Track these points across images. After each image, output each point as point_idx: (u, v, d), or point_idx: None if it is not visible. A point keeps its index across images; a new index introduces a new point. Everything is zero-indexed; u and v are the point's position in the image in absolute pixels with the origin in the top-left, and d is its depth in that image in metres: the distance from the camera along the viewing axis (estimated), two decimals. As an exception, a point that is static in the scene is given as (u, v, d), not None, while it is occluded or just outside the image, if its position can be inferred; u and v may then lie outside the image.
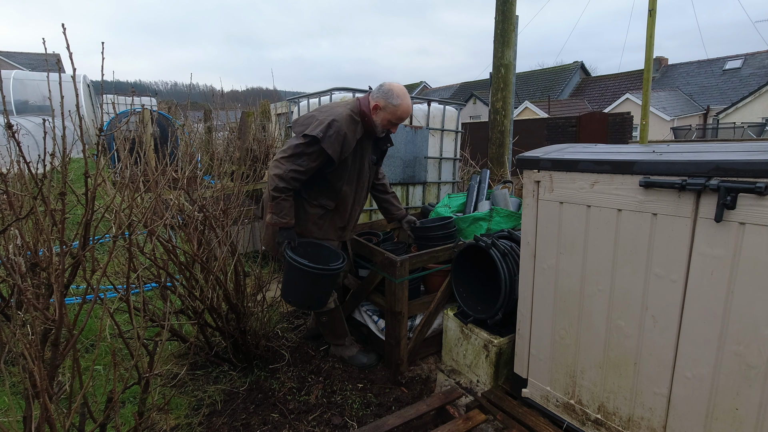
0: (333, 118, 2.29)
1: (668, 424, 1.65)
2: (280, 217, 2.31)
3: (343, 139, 2.29)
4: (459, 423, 2.08)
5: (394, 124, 2.44)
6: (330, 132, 2.26)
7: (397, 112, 2.37)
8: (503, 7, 4.62)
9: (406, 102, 2.39)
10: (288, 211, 2.32)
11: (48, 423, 1.20)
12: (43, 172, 1.67)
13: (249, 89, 13.42)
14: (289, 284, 2.38)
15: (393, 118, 2.39)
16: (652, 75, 7.60)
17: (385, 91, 2.36)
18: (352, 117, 2.36)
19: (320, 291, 2.42)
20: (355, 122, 2.37)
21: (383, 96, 2.36)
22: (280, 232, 2.38)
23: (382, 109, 2.37)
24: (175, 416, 2.19)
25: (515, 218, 3.03)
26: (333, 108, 2.41)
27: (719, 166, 1.41)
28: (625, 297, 1.71)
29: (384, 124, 2.42)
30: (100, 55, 1.60)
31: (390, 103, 2.35)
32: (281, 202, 2.31)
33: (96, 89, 13.82)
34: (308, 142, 2.27)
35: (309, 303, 2.48)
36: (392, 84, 2.39)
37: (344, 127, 2.29)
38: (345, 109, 2.38)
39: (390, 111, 2.37)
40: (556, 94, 25.98)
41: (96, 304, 1.39)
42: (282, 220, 2.31)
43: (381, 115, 2.39)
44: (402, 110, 2.38)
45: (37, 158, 1.75)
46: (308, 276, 2.28)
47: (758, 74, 21.71)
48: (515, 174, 2.99)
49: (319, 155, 2.30)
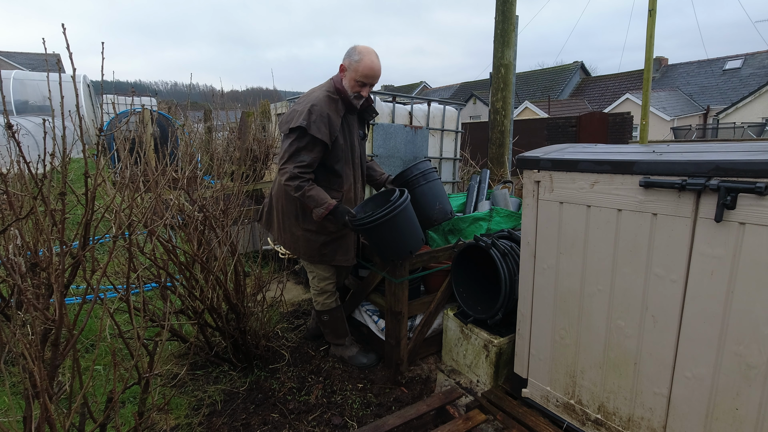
0: (311, 103, 2.28)
1: (668, 424, 1.65)
2: (320, 206, 2.27)
3: (328, 120, 2.28)
4: (459, 423, 2.08)
5: (362, 85, 2.33)
6: (313, 117, 2.25)
7: (359, 68, 2.28)
8: (503, 7, 4.62)
9: (369, 58, 2.28)
10: (321, 197, 2.28)
11: (48, 423, 1.20)
12: (43, 172, 1.67)
13: (249, 89, 13.42)
14: (382, 244, 2.28)
15: (357, 75, 2.29)
16: (652, 75, 7.60)
17: (348, 52, 2.33)
18: (330, 96, 2.35)
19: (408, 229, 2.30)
20: (333, 101, 2.35)
21: (347, 56, 2.33)
22: (334, 217, 2.31)
23: (348, 69, 2.33)
24: (175, 416, 2.19)
25: (515, 218, 3.03)
26: (309, 95, 2.39)
27: (719, 166, 1.41)
28: (625, 297, 1.71)
29: (353, 86, 2.33)
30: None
31: (352, 60, 2.29)
32: (308, 194, 2.27)
33: (96, 89, 13.82)
34: (298, 136, 2.26)
35: (409, 243, 2.32)
36: (356, 44, 2.36)
37: (325, 108, 2.29)
38: (321, 92, 2.36)
39: (353, 68, 2.30)
40: (556, 94, 25.97)
41: (96, 304, 1.39)
42: (323, 207, 2.26)
43: (348, 77, 2.33)
44: (363, 65, 2.27)
45: (37, 158, 1.75)
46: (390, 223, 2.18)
47: (758, 74, 21.70)
48: (515, 174, 2.99)
49: (314, 144, 2.28)
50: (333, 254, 2.52)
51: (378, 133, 3.58)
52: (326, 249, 2.50)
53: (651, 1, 7.18)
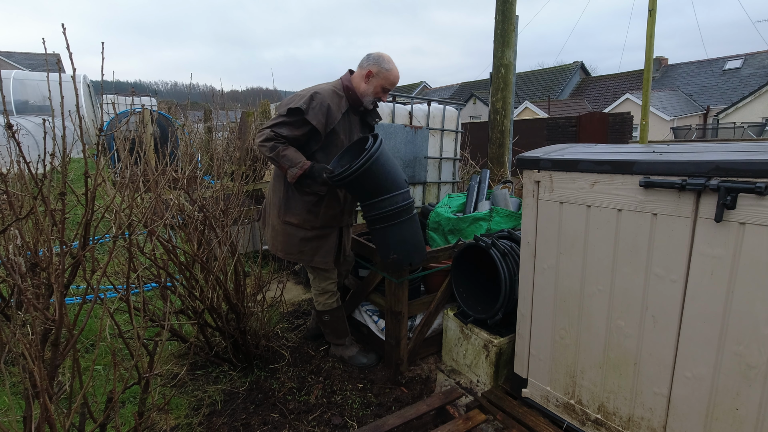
0: (315, 90, 2.31)
1: (668, 424, 1.65)
2: (293, 165, 2.26)
3: (327, 110, 2.30)
4: (459, 423, 2.08)
5: (386, 91, 2.45)
6: (313, 104, 2.26)
7: (389, 76, 2.40)
8: (503, 7, 4.62)
9: (396, 69, 2.43)
10: (295, 155, 2.27)
11: (48, 423, 1.20)
12: (43, 172, 1.67)
13: (249, 89, 13.41)
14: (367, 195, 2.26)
15: (386, 83, 2.41)
16: (652, 75, 7.60)
17: (376, 58, 2.39)
18: (335, 91, 2.38)
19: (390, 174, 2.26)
20: (338, 96, 2.38)
21: (375, 62, 2.38)
22: (310, 177, 2.30)
23: (375, 76, 2.39)
24: (175, 416, 2.19)
25: (515, 218, 3.03)
26: (315, 86, 2.42)
27: (719, 166, 1.41)
28: (625, 297, 1.71)
29: (377, 91, 2.42)
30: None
31: (383, 68, 2.38)
32: (282, 153, 2.26)
33: (96, 89, 13.82)
34: (289, 113, 2.26)
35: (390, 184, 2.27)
36: (380, 52, 2.42)
37: (327, 98, 2.31)
38: (327, 85, 2.41)
39: (383, 76, 2.39)
40: (556, 94, 25.97)
41: (96, 304, 1.39)
42: (297, 166, 2.26)
43: (374, 82, 2.40)
44: (393, 75, 2.41)
45: (37, 158, 1.75)
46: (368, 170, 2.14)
47: (758, 74, 21.71)
48: (515, 174, 2.99)
49: (302, 124, 2.27)
50: (312, 254, 2.49)
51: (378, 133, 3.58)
52: (305, 246, 2.47)
53: (651, 1, 7.18)
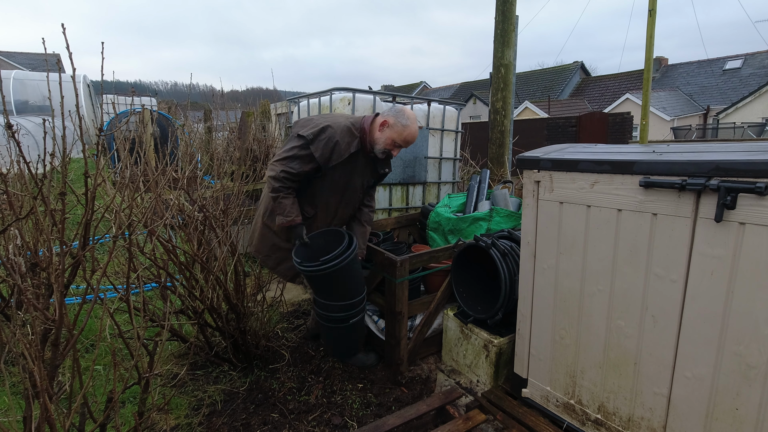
0: (328, 123, 2.29)
1: (668, 424, 1.65)
2: (285, 215, 2.31)
3: (334, 146, 2.28)
4: (459, 423, 2.08)
5: (397, 146, 2.40)
6: (322, 136, 2.26)
7: (403, 133, 2.35)
8: (503, 7, 4.62)
9: (414, 127, 2.37)
10: (291, 208, 2.32)
11: (48, 423, 1.20)
12: (43, 172, 1.67)
13: (249, 89, 13.43)
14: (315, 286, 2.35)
15: (399, 138, 2.36)
16: (652, 75, 7.60)
17: (397, 111, 2.35)
18: (350, 129, 2.35)
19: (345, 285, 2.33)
20: (352, 135, 2.35)
21: (394, 114, 2.35)
22: (290, 233, 2.38)
23: (390, 127, 2.35)
24: (175, 416, 2.19)
25: (515, 218, 3.03)
26: (335, 116, 2.40)
27: (719, 166, 1.41)
28: (625, 297, 1.71)
29: (388, 143, 2.37)
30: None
31: (399, 122, 2.33)
32: (281, 200, 2.31)
33: (96, 89, 13.82)
34: (301, 145, 2.28)
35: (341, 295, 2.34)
36: (405, 107, 2.39)
37: (337, 135, 2.29)
38: (345, 120, 2.37)
39: (397, 130, 2.34)
40: (556, 94, 25.97)
41: (96, 304, 1.39)
42: (287, 218, 2.31)
43: (387, 133, 2.36)
44: (408, 132, 2.35)
45: (37, 158, 1.75)
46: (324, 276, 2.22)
47: (758, 74, 21.70)
48: (515, 174, 2.99)
49: (311, 159, 2.30)
50: (276, 263, 2.57)
51: (378, 133, 3.57)
52: (274, 253, 2.54)
53: (651, 1, 7.18)
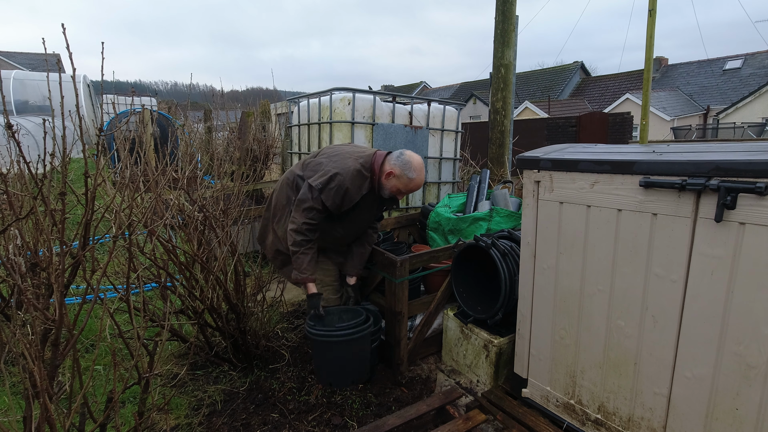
0: (337, 171, 2.31)
1: (668, 424, 1.65)
2: (301, 272, 2.35)
3: (344, 194, 2.31)
4: (459, 423, 2.08)
5: (402, 194, 2.46)
6: (331, 185, 2.29)
7: (410, 184, 2.39)
8: (503, 7, 4.62)
9: (421, 177, 2.40)
10: (307, 265, 2.35)
11: (48, 423, 1.20)
12: (43, 172, 1.67)
13: (249, 89, 13.43)
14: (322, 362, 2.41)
15: (404, 188, 2.41)
16: (652, 75, 7.60)
17: (404, 162, 2.36)
18: (361, 172, 2.36)
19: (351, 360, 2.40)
20: (362, 177, 2.37)
21: (401, 165, 2.36)
22: (307, 298, 2.43)
23: (396, 177, 2.37)
24: (175, 416, 2.19)
25: (515, 218, 3.03)
26: (344, 159, 2.40)
27: (719, 166, 1.41)
28: (625, 297, 1.71)
29: (393, 191, 2.41)
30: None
31: (405, 174, 2.36)
32: (299, 256, 2.35)
33: (96, 89, 13.82)
34: (314, 197, 2.31)
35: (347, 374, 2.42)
36: (412, 156, 2.39)
37: (347, 181, 2.30)
38: (355, 163, 2.37)
39: (403, 182, 2.38)
40: (556, 94, 25.97)
41: (96, 304, 1.39)
42: (302, 275, 2.35)
43: (393, 182, 2.39)
44: (414, 184, 2.40)
45: (37, 158, 1.75)
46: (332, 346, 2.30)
47: (758, 74, 21.70)
48: (515, 174, 2.99)
49: (324, 209, 2.34)
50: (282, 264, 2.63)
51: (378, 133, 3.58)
52: (279, 257, 2.61)
53: (651, 1, 7.18)
